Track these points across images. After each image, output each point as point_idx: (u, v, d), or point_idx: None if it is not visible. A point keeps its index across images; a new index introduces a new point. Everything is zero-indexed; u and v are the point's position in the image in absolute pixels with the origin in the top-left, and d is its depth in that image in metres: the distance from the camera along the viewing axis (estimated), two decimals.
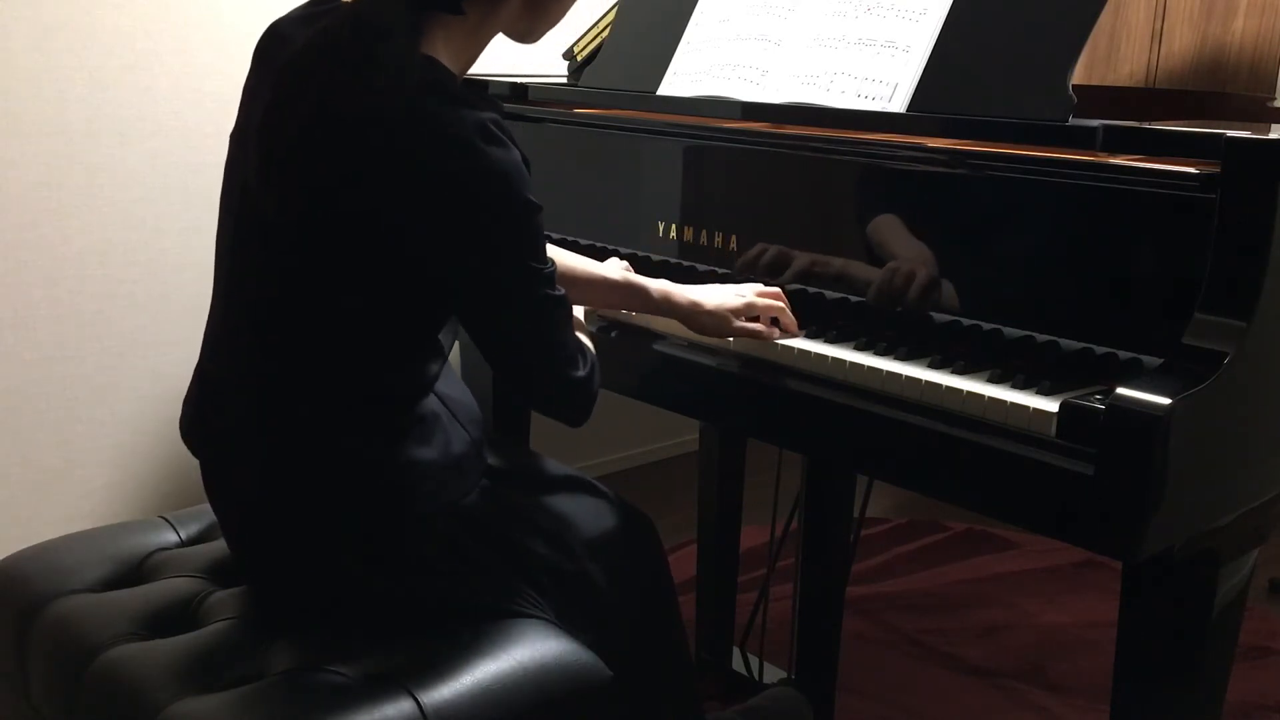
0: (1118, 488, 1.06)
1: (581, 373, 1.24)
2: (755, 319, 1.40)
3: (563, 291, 1.22)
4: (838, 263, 1.43)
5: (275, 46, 1.22)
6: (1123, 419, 1.05)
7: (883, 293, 1.38)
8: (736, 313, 1.39)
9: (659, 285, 1.43)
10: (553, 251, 1.43)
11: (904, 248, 1.36)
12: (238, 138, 1.24)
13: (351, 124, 1.11)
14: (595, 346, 1.35)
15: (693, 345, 1.45)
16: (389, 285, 1.17)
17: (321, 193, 1.13)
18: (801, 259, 1.47)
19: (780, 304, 1.39)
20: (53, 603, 1.27)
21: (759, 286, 1.42)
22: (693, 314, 1.41)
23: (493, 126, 1.12)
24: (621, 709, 1.24)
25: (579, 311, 1.46)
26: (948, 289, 1.33)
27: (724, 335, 1.40)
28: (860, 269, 1.41)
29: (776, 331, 1.38)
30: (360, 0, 1.14)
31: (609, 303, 1.49)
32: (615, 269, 1.48)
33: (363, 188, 1.12)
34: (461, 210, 1.12)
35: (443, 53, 1.17)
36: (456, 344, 1.51)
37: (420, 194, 1.11)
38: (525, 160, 1.16)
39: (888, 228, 1.38)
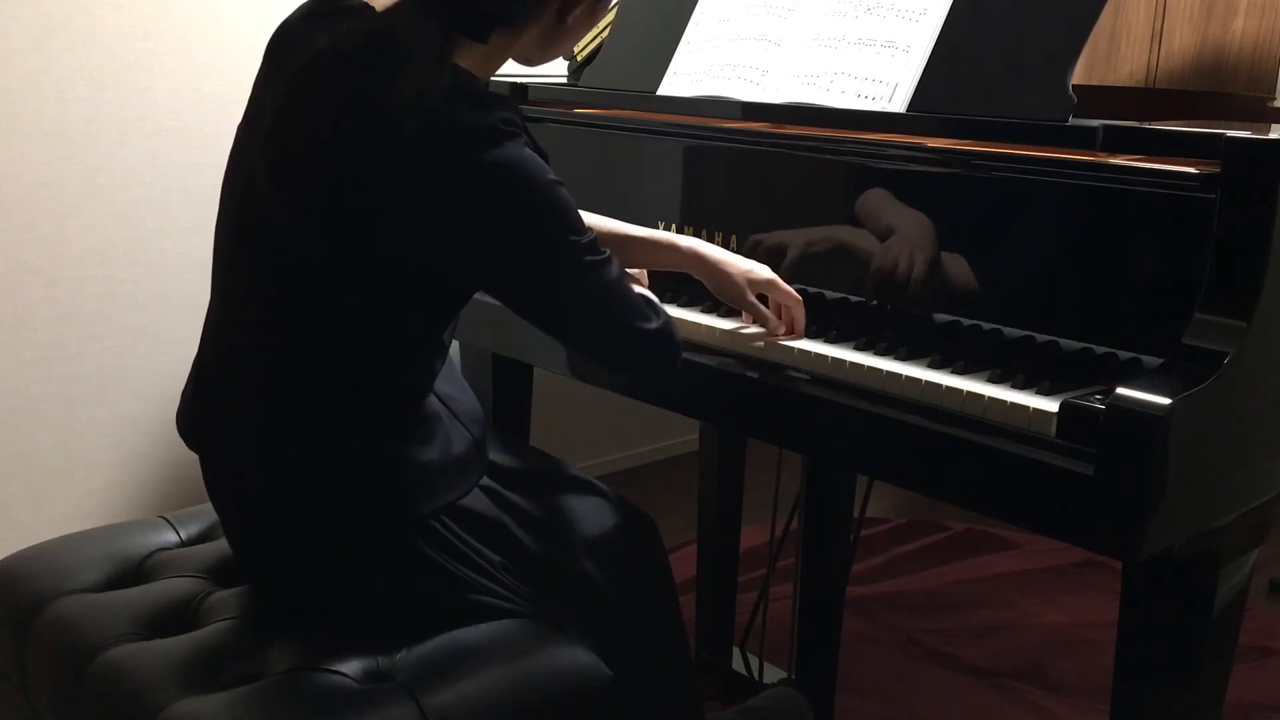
0: (1118, 488, 1.06)
1: (655, 324, 1.24)
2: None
3: (608, 253, 1.22)
4: (837, 262, 1.43)
5: (287, 45, 1.22)
6: (1123, 419, 1.05)
7: (883, 292, 1.38)
8: (756, 285, 1.39)
9: (688, 241, 1.43)
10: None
11: (904, 248, 1.36)
12: (245, 130, 1.24)
13: (374, 131, 1.10)
14: None
15: (693, 345, 1.45)
16: (396, 287, 1.17)
17: (338, 196, 1.13)
18: (801, 258, 1.47)
19: (798, 298, 1.39)
20: (53, 603, 1.27)
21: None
22: (718, 269, 1.40)
23: (503, 125, 1.12)
24: (621, 709, 1.24)
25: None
26: (948, 288, 1.33)
27: (737, 303, 1.40)
28: (860, 269, 1.41)
29: (781, 327, 1.38)
30: (386, 14, 1.14)
31: (640, 261, 1.49)
32: (641, 228, 1.47)
33: (381, 192, 1.12)
34: (483, 208, 1.12)
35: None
36: (455, 342, 1.50)
37: (438, 197, 1.11)
38: (543, 153, 1.17)
39: (888, 228, 1.38)
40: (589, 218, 1.45)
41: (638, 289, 1.28)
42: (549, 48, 1.32)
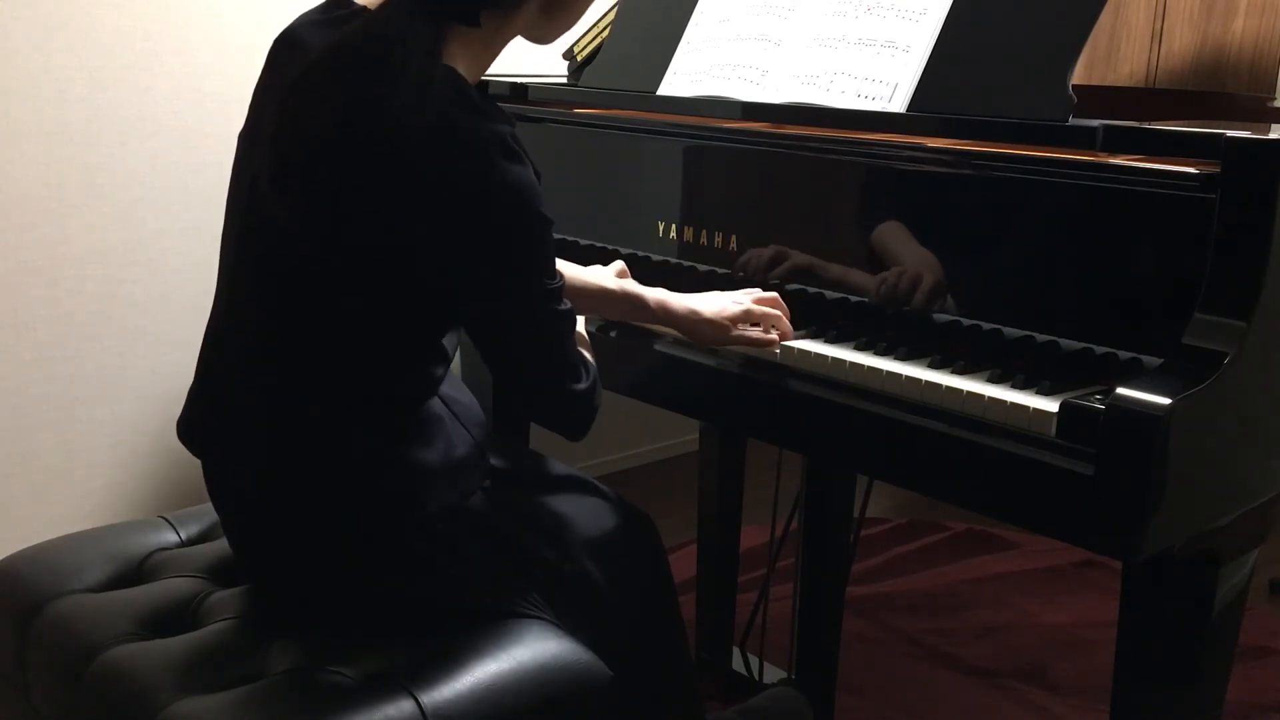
0: (1118, 488, 1.06)
1: (583, 385, 1.24)
2: (753, 325, 1.40)
3: (569, 306, 1.22)
4: (837, 262, 1.43)
5: (291, 50, 1.22)
6: (1123, 419, 1.05)
7: (883, 292, 1.38)
8: (734, 320, 1.39)
9: (656, 295, 1.43)
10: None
11: (904, 248, 1.36)
12: (247, 139, 1.24)
13: (373, 133, 1.10)
14: (595, 346, 1.35)
15: (692, 345, 1.45)
16: (397, 290, 1.17)
17: (339, 199, 1.13)
18: (801, 259, 1.47)
19: (777, 311, 1.39)
20: (53, 603, 1.27)
21: (756, 292, 1.42)
22: (691, 323, 1.41)
23: (511, 141, 1.13)
24: (621, 709, 1.24)
25: (580, 321, 1.46)
26: (948, 289, 1.33)
27: (722, 344, 1.40)
28: (860, 268, 1.40)
29: (775, 339, 1.38)
30: (379, 11, 1.15)
31: (605, 313, 1.49)
32: (611, 277, 1.46)
33: (382, 195, 1.12)
34: (478, 220, 1.12)
35: (459, 62, 1.17)
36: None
37: (438, 202, 1.11)
38: (537, 173, 1.17)
39: (888, 228, 1.38)
40: (569, 268, 1.44)
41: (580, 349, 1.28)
42: (554, 21, 1.29)
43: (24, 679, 1.27)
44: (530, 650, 1.20)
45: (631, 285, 1.45)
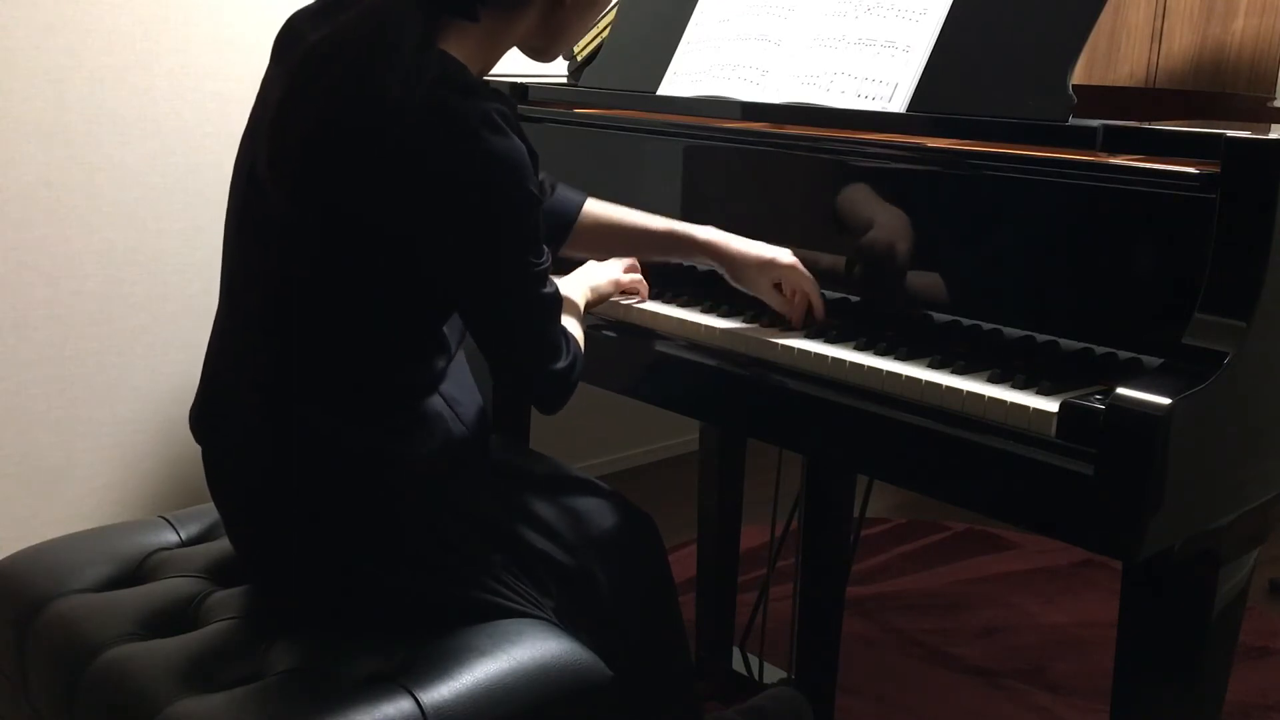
0: (1117, 488, 1.06)
1: (561, 364, 1.24)
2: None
3: (554, 287, 1.23)
4: (837, 262, 1.43)
5: (292, 42, 1.23)
6: (1123, 419, 1.05)
7: (883, 292, 1.38)
8: (775, 270, 1.40)
9: (706, 232, 1.44)
10: (595, 205, 1.45)
11: (904, 248, 1.36)
12: (250, 132, 1.24)
13: (366, 118, 1.11)
14: (593, 346, 1.35)
15: (692, 345, 1.45)
16: (392, 279, 1.17)
17: (332, 188, 1.14)
18: (801, 258, 1.47)
19: (814, 281, 1.40)
20: (53, 603, 1.27)
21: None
22: (735, 262, 1.42)
23: (497, 116, 1.12)
24: (621, 708, 1.24)
25: (579, 299, 1.47)
26: (948, 288, 1.33)
27: (759, 293, 1.42)
28: (859, 268, 1.41)
29: (798, 317, 1.39)
30: (377, 1, 1.15)
31: (652, 253, 1.50)
32: (660, 220, 1.48)
33: (373, 182, 1.12)
34: (463, 196, 1.13)
35: (455, 54, 1.17)
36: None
37: (427, 183, 1.12)
38: (533, 152, 1.16)
39: (888, 228, 1.38)
40: (610, 209, 1.45)
41: (566, 321, 1.28)
42: (554, 35, 1.30)
43: (24, 679, 1.27)
44: (530, 650, 1.20)
45: (678, 224, 1.46)
